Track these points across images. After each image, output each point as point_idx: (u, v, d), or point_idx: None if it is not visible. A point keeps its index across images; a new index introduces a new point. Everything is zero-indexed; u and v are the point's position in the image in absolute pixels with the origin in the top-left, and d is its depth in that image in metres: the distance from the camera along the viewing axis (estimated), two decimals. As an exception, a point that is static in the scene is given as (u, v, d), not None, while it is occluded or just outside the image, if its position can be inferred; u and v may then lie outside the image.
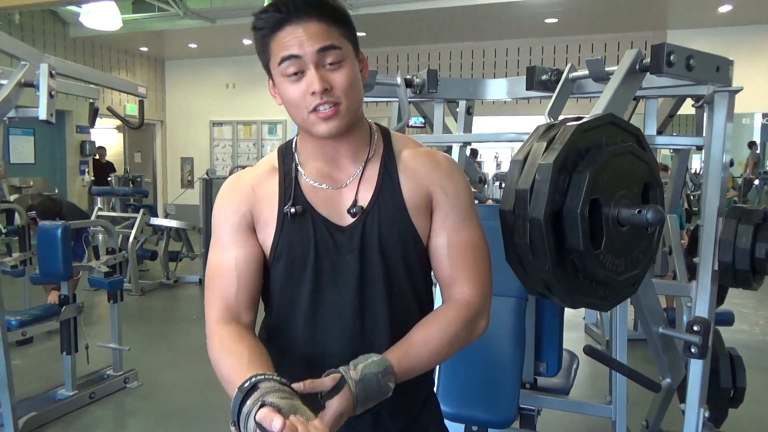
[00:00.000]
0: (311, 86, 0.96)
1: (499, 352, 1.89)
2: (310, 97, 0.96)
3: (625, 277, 1.24)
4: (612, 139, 1.23)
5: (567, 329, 2.22)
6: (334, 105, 0.97)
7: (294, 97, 0.98)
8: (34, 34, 8.90)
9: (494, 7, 7.37)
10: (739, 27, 8.00)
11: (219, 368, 0.96)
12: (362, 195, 1.04)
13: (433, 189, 1.05)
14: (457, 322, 1.02)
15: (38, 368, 3.88)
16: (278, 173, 1.07)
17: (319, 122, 0.98)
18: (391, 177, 1.06)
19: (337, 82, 0.97)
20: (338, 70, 0.98)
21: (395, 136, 1.12)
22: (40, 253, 3.26)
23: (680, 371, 2.08)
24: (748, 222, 1.71)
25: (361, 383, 0.90)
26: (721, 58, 1.70)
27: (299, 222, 1.03)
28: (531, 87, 2.20)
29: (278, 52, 0.97)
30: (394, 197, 1.04)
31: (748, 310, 5.40)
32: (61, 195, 9.60)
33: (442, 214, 1.06)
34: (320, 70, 0.96)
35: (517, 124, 10.17)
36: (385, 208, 1.04)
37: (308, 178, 1.06)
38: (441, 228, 1.06)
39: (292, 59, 0.96)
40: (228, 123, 11.07)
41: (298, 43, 0.95)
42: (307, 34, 0.96)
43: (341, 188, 1.05)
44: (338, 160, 1.06)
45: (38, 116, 2.43)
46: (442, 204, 1.06)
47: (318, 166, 1.07)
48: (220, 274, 1.05)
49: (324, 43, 0.96)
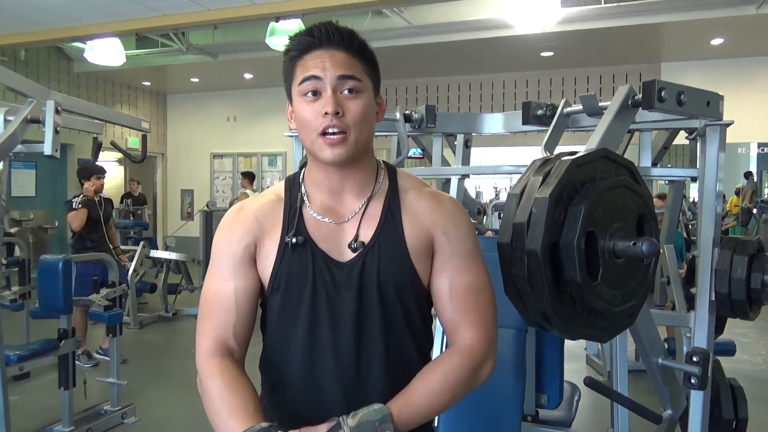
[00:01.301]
0: (325, 107, 0.98)
1: (499, 384, 1.88)
2: (322, 118, 0.99)
3: (622, 308, 1.25)
4: (606, 172, 1.26)
5: (568, 360, 2.21)
6: (343, 133, 0.99)
7: (307, 117, 1.00)
8: (39, 70, 9.05)
9: (491, 41, 7.51)
10: (732, 59, 8.14)
11: (213, 402, 0.96)
12: (364, 231, 1.05)
13: (434, 231, 1.05)
14: (460, 369, 1.01)
15: (35, 403, 3.84)
16: (283, 203, 1.08)
17: (325, 147, 1.00)
18: (393, 216, 1.06)
19: (350, 109, 1.00)
20: (353, 100, 1.01)
21: (401, 174, 1.13)
22: (40, 287, 3.26)
23: (681, 402, 2.07)
24: (742, 253, 1.73)
25: (357, 430, 0.90)
26: (711, 93, 1.74)
27: (299, 253, 1.03)
28: (527, 121, 2.25)
29: (301, 73, 1.01)
30: (396, 236, 1.04)
31: (750, 339, 5.37)
32: (61, 228, 9.62)
33: (444, 257, 1.05)
34: (336, 94, 0.99)
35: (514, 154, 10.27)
36: (385, 247, 1.03)
37: (312, 210, 1.06)
38: (443, 271, 1.05)
39: (312, 79, 1.00)
40: (229, 155, 11.16)
41: (321, 66, 1.00)
42: (332, 60, 1.00)
43: (343, 223, 1.06)
44: (342, 194, 1.07)
45: (43, 151, 2.47)
46: (444, 247, 1.05)
47: (322, 199, 1.07)
48: (218, 305, 1.04)
49: (345, 71, 1.00)
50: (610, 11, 6.62)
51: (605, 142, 1.54)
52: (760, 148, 9.66)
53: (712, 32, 7.18)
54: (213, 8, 5.85)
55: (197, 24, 6.36)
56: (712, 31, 7.15)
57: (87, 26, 6.40)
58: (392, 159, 2.86)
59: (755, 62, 8.14)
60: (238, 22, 6.36)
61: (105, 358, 4.49)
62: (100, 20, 6.22)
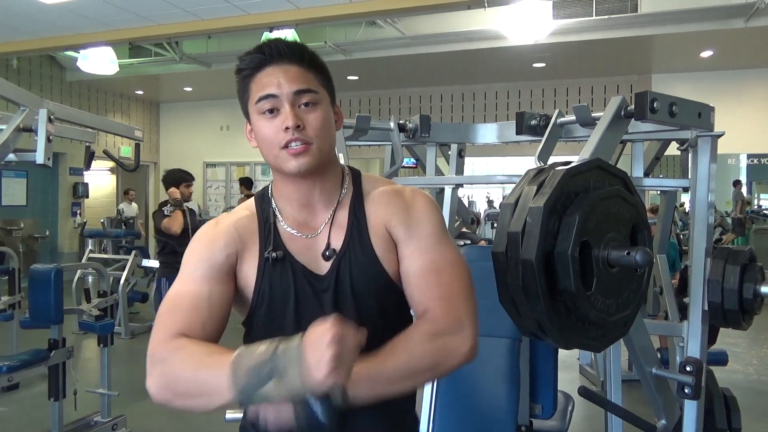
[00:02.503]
0: (285, 122, 0.99)
1: (493, 394, 1.88)
2: (283, 133, 0.99)
3: (616, 318, 1.26)
4: (600, 182, 1.27)
5: (562, 370, 2.21)
6: (305, 143, 1.00)
7: (267, 134, 1.01)
8: (31, 78, 9.03)
9: (483, 52, 7.57)
10: (721, 72, 8.24)
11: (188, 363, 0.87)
12: (334, 240, 1.05)
13: (391, 223, 1.05)
14: (419, 334, 0.95)
15: (24, 415, 3.79)
16: (257, 219, 1.08)
17: (289, 158, 1.00)
18: (359, 221, 1.06)
19: (310, 121, 1.00)
20: (312, 112, 1.01)
21: (365, 178, 1.13)
22: (31, 297, 3.23)
23: (675, 412, 2.07)
24: (734, 263, 1.74)
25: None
26: (703, 104, 1.76)
27: (280, 268, 1.03)
28: (521, 132, 2.26)
29: (257, 92, 1.01)
30: (362, 241, 1.04)
31: (742, 349, 5.39)
32: (52, 237, 9.56)
33: (403, 245, 1.04)
34: (295, 108, 1.00)
35: (507, 164, 10.32)
36: (354, 252, 1.04)
37: (285, 225, 1.07)
38: (402, 258, 1.04)
39: (269, 98, 1.00)
40: (221, 164, 11.15)
41: (276, 83, 1.00)
42: (287, 76, 1.00)
43: (316, 236, 1.06)
44: (312, 205, 1.07)
45: (35, 160, 2.46)
46: (401, 235, 1.04)
47: (294, 213, 1.07)
48: (188, 303, 0.98)
49: (301, 86, 1.01)
50: (602, 23, 6.69)
51: (598, 153, 1.56)
52: (749, 159, 9.76)
53: (701, 45, 7.27)
54: (206, 18, 5.87)
55: (191, 34, 6.38)
56: (701, 44, 7.23)
57: (80, 35, 6.40)
58: (386, 168, 2.87)
59: (744, 74, 8.24)
60: (231, 32, 6.37)
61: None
62: (93, 29, 6.22)
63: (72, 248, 9.66)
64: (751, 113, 8.10)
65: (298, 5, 5.48)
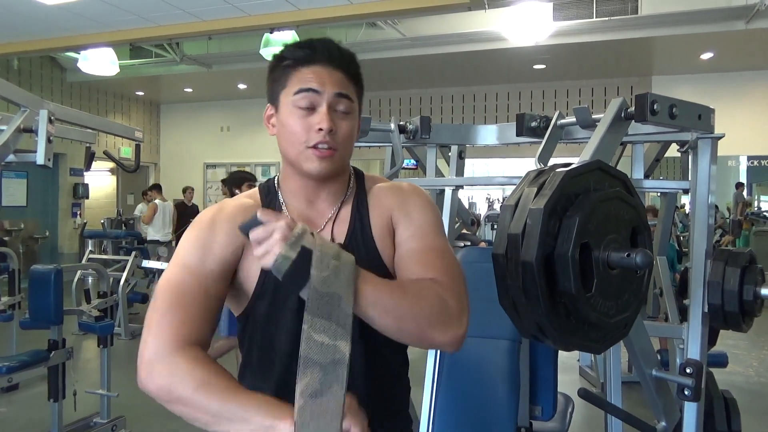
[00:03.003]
0: (320, 123, 0.99)
1: (493, 395, 1.88)
2: (315, 133, 1.00)
3: (616, 320, 1.25)
4: (600, 184, 1.27)
5: (561, 372, 2.21)
6: (332, 149, 1.01)
7: (296, 129, 1.01)
8: (32, 79, 9.04)
9: (484, 54, 7.57)
10: (721, 73, 8.25)
11: (209, 393, 0.86)
12: (337, 235, 1.07)
13: (393, 212, 1.07)
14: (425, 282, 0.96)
15: (23, 416, 3.79)
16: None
17: (313, 158, 1.01)
18: (362, 217, 1.08)
19: (342, 128, 1.02)
20: (345, 120, 1.03)
21: (367, 177, 1.15)
22: (31, 297, 3.23)
23: (675, 414, 2.07)
24: (735, 265, 1.74)
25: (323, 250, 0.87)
26: (703, 106, 1.76)
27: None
28: (521, 133, 2.26)
29: (297, 83, 1.01)
30: (365, 236, 1.06)
31: (741, 351, 5.39)
32: (52, 238, 9.56)
33: (401, 230, 1.06)
34: (331, 111, 1.01)
35: (507, 165, 10.32)
36: (356, 246, 1.05)
37: (291, 218, 1.08)
38: (400, 243, 1.05)
39: (310, 92, 1.00)
40: (222, 165, 11.15)
41: (320, 81, 1.01)
42: (331, 78, 1.02)
43: (319, 231, 1.07)
44: (317, 203, 1.08)
45: (36, 161, 2.46)
46: (401, 222, 1.06)
47: (299, 208, 1.08)
48: (189, 294, 0.95)
49: (343, 90, 1.02)
50: (602, 25, 6.70)
51: (599, 154, 1.56)
52: (749, 161, 9.76)
53: (702, 47, 7.27)
54: (207, 19, 5.87)
55: (192, 35, 6.38)
56: (702, 46, 7.24)
57: (81, 36, 6.40)
58: (386, 169, 2.87)
59: (744, 76, 8.25)
60: (232, 33, 6.38)
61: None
62: (94, 30, 6.23)
63: (72, 249, 9.66)
64: (752, 115, 8.11)
65: (299, 6, 5.48)
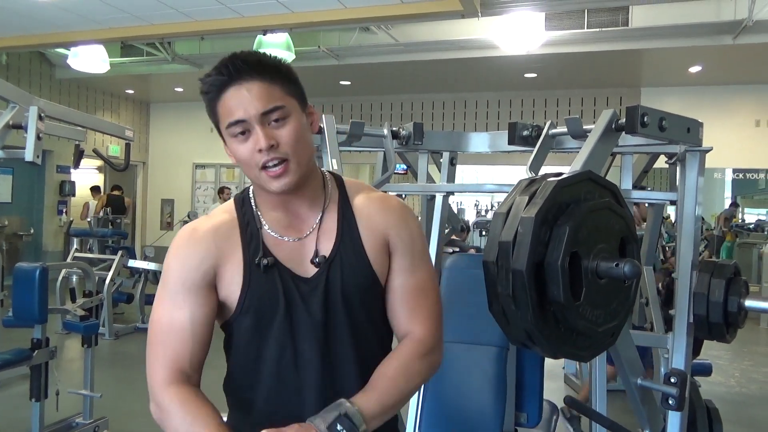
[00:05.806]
0: (257, 144, 0.98)
1: (479, 401, 1.89)
2: (258, 154, 0.99)
3: (604, 329, 1.27)
4: (590, 194, 1.29)
5: (546, 379, 2.22)
6: (283, 162, 0.99)
7: (244, 156, 1.01)
8: (20, 74, 8.93)
9: (476, 61, 7.61)
10: (709, 87, 8.35)
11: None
12: (323, 245, 1.06)
13: (389, 233, 1.09)
14: (413, 356, 1.06)
15: (4, 416, 3.75)
16: (238, 225, 1.07)
17: (270, 180, 1.00)
18: (350, 225, 1.08)
19: (282, 138, 1.00)
20: (283, 127, 1.00)
21: (348, 183, 1.15)
22: (15, 295, 3.19)
23: (659, 423, 2.09)
24: (720, 276, 1.76)
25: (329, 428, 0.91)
26: (692, 120, 1.79)
27: (268, 274, 1.03)
28: (513, 142, 2.28)
29: (225, 117, 1.00)
30: (355, 245, 1.07)
31: (724, 362, 5.45)
32: (37, 235, 9.45)
33: (398, 258, 1.09)
34: (265, 128, 0.99)
35: (496, 172, 10.37)
36: (346, 257, 1.05)
37: (270, 229, 1.07)
38: (398, 270, 1.09)
39: (238, 123, 0.99)
40: (211, 166, 11.09)
41: (242, 107, 0.98)
42: (251, 95, 0.98)
43: (303, 239, 1.07)
44: (296, 210, 1.08)
45: (24, 157, 2.44)
46: (398, 248, 1.09)
47: (278, 217, 1.08)
48: (173, 333, 1.02)
49: (267, 105, 0.99)
50: (593, 36, 6.76)
51: (589, 165, 1.57)
52: (735, 174, 9.88)
53: (690, 60, 7.37)
54: (200, 19, 5.85)
55: (184, 34, 6.35)
56: (690, 59, 7.33)
57: (72, 33, 6.35)
58: (377, 174, 2.87)
59: (731, 90, 8.36)
60: (225, 33, 6.35)
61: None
62: (85, 27, 6.17)
63: (57, 247, 9.54)
64: (738, 128, 8.21)
65: (292, 9, 5.48)
